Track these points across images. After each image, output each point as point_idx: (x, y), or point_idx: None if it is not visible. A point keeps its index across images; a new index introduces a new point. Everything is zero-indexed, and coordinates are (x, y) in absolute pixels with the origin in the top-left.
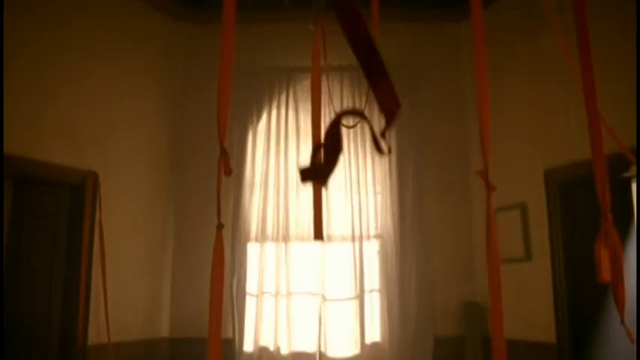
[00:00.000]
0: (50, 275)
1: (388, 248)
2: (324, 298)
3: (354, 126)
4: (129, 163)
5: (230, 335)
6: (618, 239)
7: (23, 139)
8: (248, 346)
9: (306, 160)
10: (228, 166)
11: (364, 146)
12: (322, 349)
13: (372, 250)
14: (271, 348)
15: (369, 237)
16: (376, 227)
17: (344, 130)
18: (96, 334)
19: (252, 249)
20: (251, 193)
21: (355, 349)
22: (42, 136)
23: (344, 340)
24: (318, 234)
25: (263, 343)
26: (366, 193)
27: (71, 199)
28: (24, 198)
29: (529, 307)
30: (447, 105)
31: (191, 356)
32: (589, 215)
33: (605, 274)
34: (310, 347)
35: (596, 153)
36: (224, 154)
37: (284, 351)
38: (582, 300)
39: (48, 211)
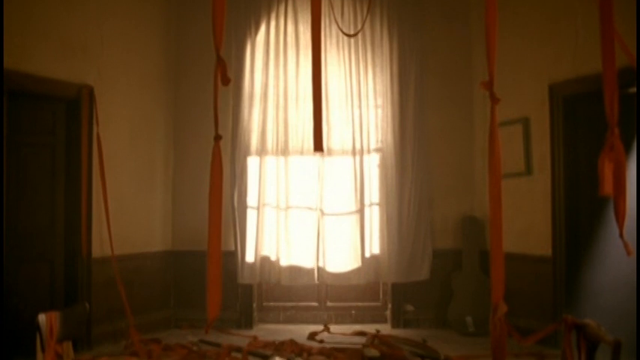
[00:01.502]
0: (51, 190)
1: (388, 162)
2: (322, 213)
3: (355, 34)
4: (124, 77)
5: (232, 248)
6: (623, 152)
7: (16, 53)
8: (250, 257)
9: (305, 74)
10: (226, 75)
11: (365, 58)
12: (321, 264)
13: (372, 164)
14: (272, 258)
15: (369, 151)
16: (377, 141)
17: (345, 40)
18: (99, 247)
19: (252, 162)
20: (250, 106)
21: (354, 262)
22: (34, 50)
23: (343, 254)
24: (318, 145)
25: (264, 253)
26: (367, 106)
27: (67, 113)
28: (20, 113)
29: (527, 221)
30: (450, 17)
31: (193, 267)
32: (591, 131)
33: (608, 187)
34: (309, 261)
35: (606, 65)
36: (221, 63)
37: (284, 262)
38: (580, 215)
39: (45, 126)
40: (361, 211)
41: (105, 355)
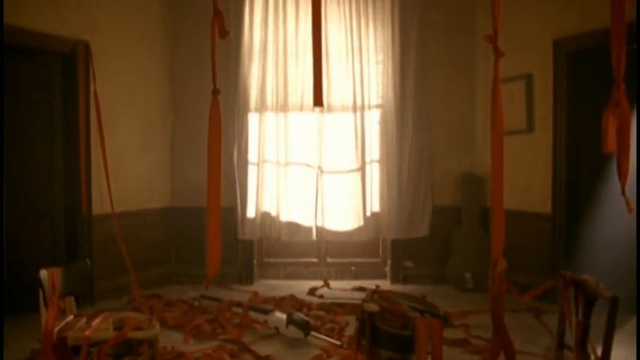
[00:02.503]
0: (50, 147)
1: (389, 118)
2: (321, 171)
3: None
4: (121, 33)
5: (232, 204)
6: (628, 109)
7: (9, 7)
8: (250, 213)
9: (305, 29)
10: (224, 27)
11: (366, 12)
12: (320, 222)
13: (373, 120)
14: (272, 213)
15: (370, 107)
16: (377, 97)
17: None
18: (99, 204)
19: (252, 119)
20: (249, 62)
21: (354, 220)
22: (27, 4)
23: (342, 211)
24: (318, 100)
25: (265, 209)
26: (368, 61)
27: (63, 69)
28: (16, 69)
29: (527, 178)
30: None
31: (193, 223)
32: (595, 88)
33: (611, 143)
34: (309, 218)
35: (615, 18)
36: (218, 16)
37: (284, 219)
38: (581, 173)
39: (41, 82)
40: (361, 169)
41: (107, 310)
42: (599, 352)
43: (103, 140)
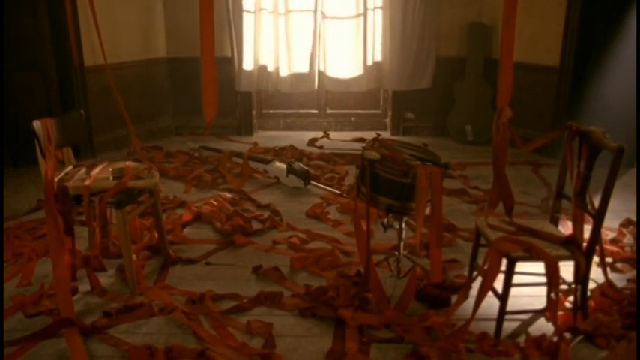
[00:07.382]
0: None
1: None
2: (323, 15)
3: None
4: None
5: (229, 54)
6: None
7: None
8: (247, 65)
9: None
10: None
11: None
12: (321, 69)
13: None
14: (270, 65)
15: None
16: None
17: None
18: (92, 55)
19: None
20: None
21: (355, 69)
22: None
23: (344, 59)
24: None
25: (262, 61)
26: None
27: None
28: None
29: (537, 28)
30: None
31: (190, 74)
32: None
33: None
34: (309, 67)
35: None
36: None
37: (283, 72)
38: (596, 23)
39: None
40: (364, 15)
41: (108, 161)
42: (596, 203)
43: None
